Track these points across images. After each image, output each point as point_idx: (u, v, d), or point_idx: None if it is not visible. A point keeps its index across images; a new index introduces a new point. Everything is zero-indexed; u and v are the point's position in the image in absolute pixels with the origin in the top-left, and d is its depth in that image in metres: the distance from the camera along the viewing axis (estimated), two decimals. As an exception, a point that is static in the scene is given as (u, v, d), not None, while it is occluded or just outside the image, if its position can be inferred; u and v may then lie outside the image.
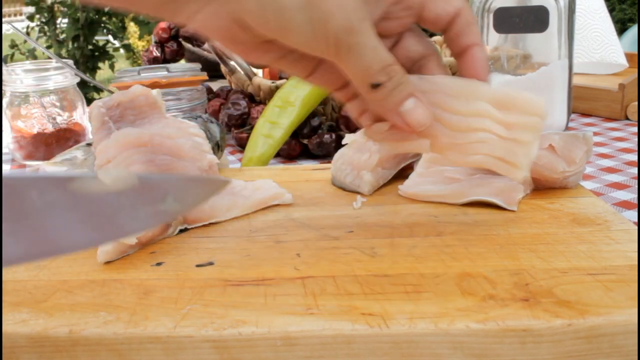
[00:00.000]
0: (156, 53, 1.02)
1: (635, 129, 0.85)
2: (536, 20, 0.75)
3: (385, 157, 0.52)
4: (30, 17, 4.37)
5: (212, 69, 1.27)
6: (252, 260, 0.39)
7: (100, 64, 4.22)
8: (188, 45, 1.05)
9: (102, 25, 4.25)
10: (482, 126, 0.39)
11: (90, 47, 4.13)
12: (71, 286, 0.36)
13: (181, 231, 0.44)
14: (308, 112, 0.73)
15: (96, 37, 4.21)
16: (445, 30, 0.37)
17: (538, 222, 0.43)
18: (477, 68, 0.38)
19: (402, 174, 0.53)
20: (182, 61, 1.12)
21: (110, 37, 4.62)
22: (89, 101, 0.60)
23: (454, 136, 0.40)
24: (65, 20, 4.22)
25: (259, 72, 1.01)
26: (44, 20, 4.28)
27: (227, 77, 0.96)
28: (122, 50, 4.83)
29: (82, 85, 0.75)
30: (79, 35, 4.06)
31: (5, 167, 0.75)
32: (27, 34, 4.23)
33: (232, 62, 0.91)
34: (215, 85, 1.13)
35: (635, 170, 0.67)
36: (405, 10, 0.37)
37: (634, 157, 0.72)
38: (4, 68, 0.75)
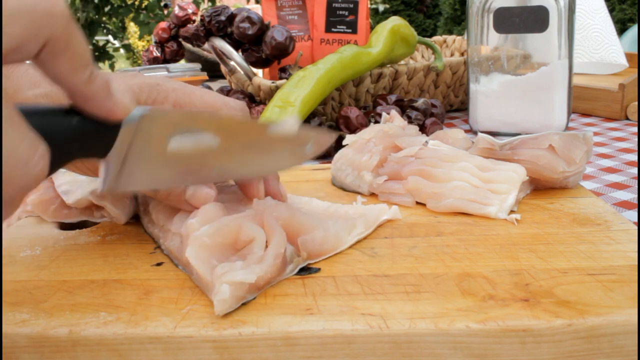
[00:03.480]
0: (156, 53, 1.02)
1: (635, 129, 0.85)
2: (536, 20, 0.75)
3: (385, 158, 0.52)
4: (30, 17, 4.36)
5: (212, 69, 1.27)
6: (252, 261, 0.39)
7: (100, 64, 4.23)
8: (188, 46, 1.05)
9: (102, 25, 4.26)
10: (459, 177, 0.47)
11: (90, 47, 4.14)
12: (71, 286, 0.36)
13: (301, 270, 0.37)
14: (308, 112, 0.73)
15: (96, 37, 4.22)
16: None
17: (538, 222, 0.43)
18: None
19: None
20: (182, 61, 1.12)
21: (110, 37, 4.62)
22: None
23: (434, 186, 0.47)
24: (65, 20, 4.22)
25: (259, 72, 1.01)
26: (44, 20, 4.28)
27: (227, 77, 0.96)
28: (122, 50, 4.84)
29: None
30: (79, 35, 4.05)
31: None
32: (27, 34, 4.23)
33: (232, 62, 0.91)
34: (215, 85, 1.13)
35: (635, 170, 0.67)
36: None
37: (634, 157, 0.72)
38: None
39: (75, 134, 0.29)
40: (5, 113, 0.23)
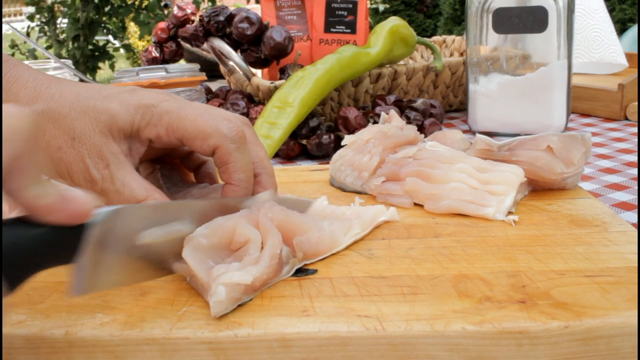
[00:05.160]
0: (155, 53, 1.02)
1: (635, 130, 0.85)
2: (535, 20, 0.75)
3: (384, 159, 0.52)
4: (31, 17, 4.37)
5: (211, 69, 1.27)
6: (249, 262, 0.39)
7: (100, 64, 4.23)
8: (187, 46, 1.05)
9: (102, 25, 4.26)
10: (457, 178, 0.47)
11: (90, 47, 4.14)
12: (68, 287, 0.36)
13: (298, 271, 0.37)
14: (307, 112, 0.73)
15: (96, 37, 4.21)
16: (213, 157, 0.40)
17: (536, 224, 0.43)
18: (226, 195, 0.40)
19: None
20: (181, 61, 1.12)
21: (110, 37, 4.62)
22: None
23: (432, 188, 0.47)
24: (65, 20, 4.22)
25: (258, 72, 1.01)
26: (44, 20, 4.28)
27: (226, 77, 0.96)
28: (122, 50, 4.83)
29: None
30: (79, 35, 4.06)
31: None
32: (28, 34, 4.23)
33: (230, 63, 0.91)
34: (214, 86, 1.13)
35: (635, 171, 0.67)
36: (166, 149, 0.43)
37: (633, 158, 0.72)
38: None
39: (38, 245, 0.27)
40: None
